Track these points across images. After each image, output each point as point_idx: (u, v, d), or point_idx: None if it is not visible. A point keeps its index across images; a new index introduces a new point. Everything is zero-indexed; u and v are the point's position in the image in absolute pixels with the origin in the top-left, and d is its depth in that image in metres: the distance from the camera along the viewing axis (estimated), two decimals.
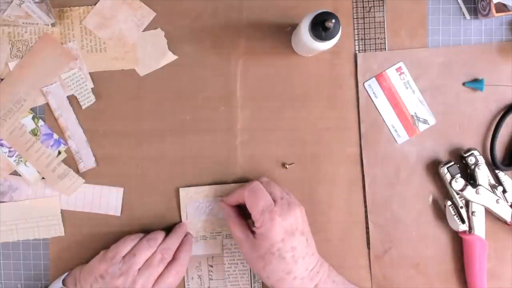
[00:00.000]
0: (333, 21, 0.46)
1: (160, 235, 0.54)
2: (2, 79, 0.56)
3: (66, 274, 0.54)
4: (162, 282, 0.51)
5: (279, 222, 0.49)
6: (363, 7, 0.57)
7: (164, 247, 0.52)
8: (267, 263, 0.49)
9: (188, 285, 0.57)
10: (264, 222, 0.49)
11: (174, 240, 0.54)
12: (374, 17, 0.57)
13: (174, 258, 0.53)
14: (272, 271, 0.49)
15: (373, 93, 0.57)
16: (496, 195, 0.56)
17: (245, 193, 0.51)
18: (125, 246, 0.52)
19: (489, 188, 0.56)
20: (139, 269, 0.50)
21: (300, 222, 0.50)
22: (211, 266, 0.58)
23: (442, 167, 0.55)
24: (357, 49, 0.57)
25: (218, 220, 0.57)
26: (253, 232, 0.51)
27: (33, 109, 0.57)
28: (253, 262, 0.51)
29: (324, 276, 0.51)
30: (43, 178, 0.57)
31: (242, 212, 0.54)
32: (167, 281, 0.51)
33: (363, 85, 0.57)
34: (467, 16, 0.57)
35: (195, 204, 0.57)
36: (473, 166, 0.55)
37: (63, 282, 0.53)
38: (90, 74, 0.57)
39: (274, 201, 0.50)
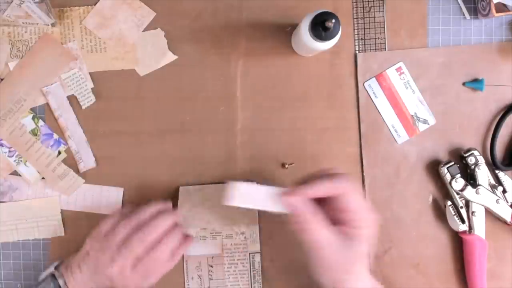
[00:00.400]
0: (333, 21, 0.46)
1: (143, 213, 0.51)
2: (2, 79, 0.56)
3: (58, 261, 0.53)
4: (142, 266, 0.49)
5: (375, 220, 0.46)
6: (363, 7, 0.57)
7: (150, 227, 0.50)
8: (357, 264, 0.45)
9: (188, 285, 0.57)
10: (366, 220, 0.45)
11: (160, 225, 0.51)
12: (374, 17, 0.57)
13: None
14: (358, 270, 0.46)
15: (373, 93, 0.57)
16: (496, 195, 0.56)
17: (346, 186, 0.44)
18: (106, 223, 0.52)
19: (489, 188, 0.56)
20: (119, 248, 0.49)
21: None
22: (211, 266, 0.58)
23: (442, 167, 0.55)
24: (357, 49, 0.57)
25: (217, 220, 0.57)
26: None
27: (33, 109, 0.57)
28: (338, 265, 0.44)
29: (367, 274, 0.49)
30: (43, 178, 0.57)
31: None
32: (148, 267, 0.50)
33: (363, 85, 0.57)
34: (467, 16, 0.57)
35: (196, 199, 0.57)
36: (473, 166, 0.55)
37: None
38: (90, 74, 0.57)
39: None
